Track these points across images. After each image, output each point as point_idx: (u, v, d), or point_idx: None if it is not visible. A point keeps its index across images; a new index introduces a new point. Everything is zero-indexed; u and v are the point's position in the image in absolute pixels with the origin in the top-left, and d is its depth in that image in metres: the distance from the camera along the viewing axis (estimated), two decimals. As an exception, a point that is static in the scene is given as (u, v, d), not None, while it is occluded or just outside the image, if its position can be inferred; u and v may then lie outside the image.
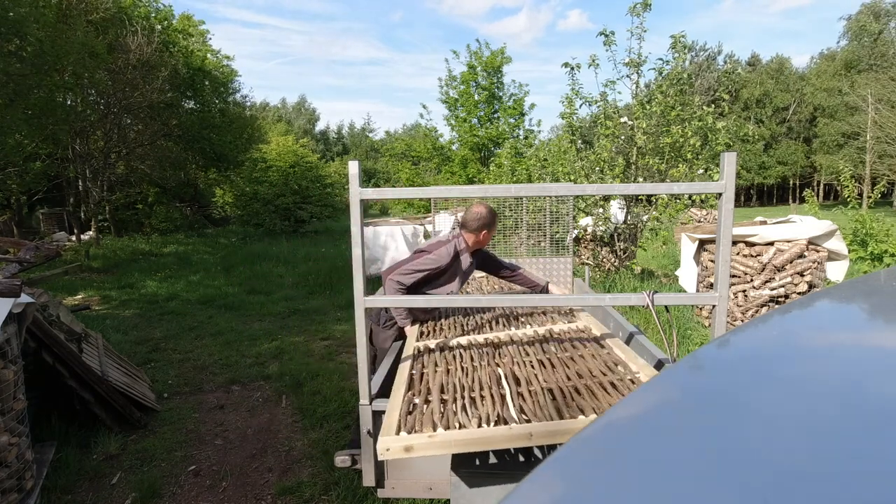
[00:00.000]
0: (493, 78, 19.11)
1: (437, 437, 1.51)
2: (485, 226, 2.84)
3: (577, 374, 1.84)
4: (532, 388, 1.76)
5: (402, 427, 1.58)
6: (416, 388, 1.87)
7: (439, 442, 1.50)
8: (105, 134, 13.75)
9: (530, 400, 1.67)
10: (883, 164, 30.75)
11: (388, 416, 1.67)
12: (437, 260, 2.76)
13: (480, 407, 1.65)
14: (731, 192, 1.74)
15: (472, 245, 2.89)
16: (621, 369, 1.86)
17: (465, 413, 1.62)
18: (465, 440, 1.49)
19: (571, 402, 1.63)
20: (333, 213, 19.20)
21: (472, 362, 2.06)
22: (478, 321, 2.75)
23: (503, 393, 1.73)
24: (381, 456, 1.53)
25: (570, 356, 2.05)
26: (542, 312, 2.86)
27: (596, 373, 1.84)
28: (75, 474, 3.03)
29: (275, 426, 3.70)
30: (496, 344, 2.28)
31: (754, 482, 0.42)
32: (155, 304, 7.51)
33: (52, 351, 3.13)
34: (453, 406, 1.67)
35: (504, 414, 1.59)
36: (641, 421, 0.56)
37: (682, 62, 7.66)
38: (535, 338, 2.32)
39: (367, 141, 59.17)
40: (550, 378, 1.83)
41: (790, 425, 0.51)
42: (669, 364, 2.01)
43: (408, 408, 1.70)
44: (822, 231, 5.21)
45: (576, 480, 0.48)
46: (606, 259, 8.42)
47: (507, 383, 1.80)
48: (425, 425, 1.56)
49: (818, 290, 4.82)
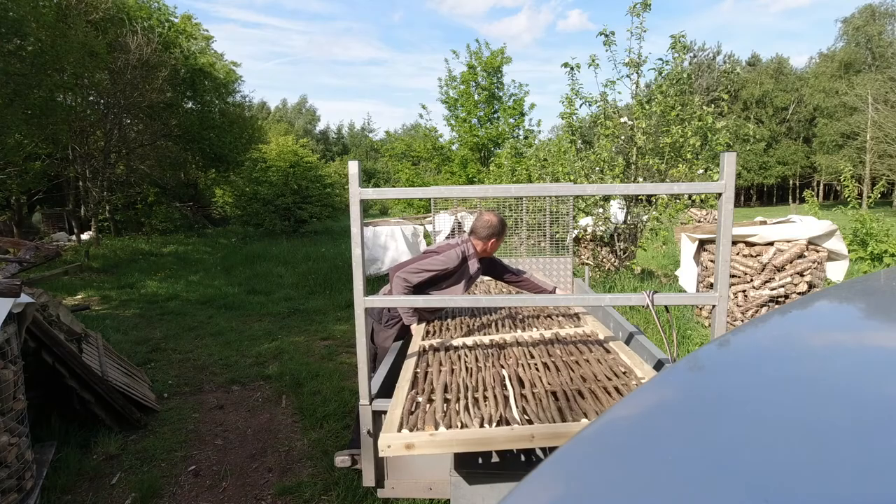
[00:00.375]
0: (493, 78, 19.10)
1: (439, 435, 1.51)
2: (494, 234, 2.87)
3: (581, 378, 1.83)
4: (536, 390, 1.76)
5: (405, 425, 1.58)
6: (420, 386, 1.87)
7: (440, 441, 1.50)
8: (105, 134, 13.75)
9: (533, 402, 1.67)
10: (882, 164, 30.76)
11: (391, 413, 1.67)
12: (446, 262, 2.78)
13: (483, 407, 1.65)
14: (731, 192, 1.74)
15: (480, 252, 2.91)
16: (627, 375, 1.86)
17: (467, 413, 1.61)
18: (467, 440, 1.49)
19: (575, 406, 1.62)
20: (333, 213, 19.19)
21: (477, 363, 2.06)
22: (484, 322, 2.76)
23: (506, 394, 1.73)
24: (382, 453, 1.52)
25: (574, 360, 2.04)
26: (548, 316, 2.86)
27: (601, 377, 1.83)
28: (75, 474, 3.02)
29: (275, 426, 3.70)
30: (501, 345, 2.28)
31: (754, 482, 0.42)
32: (155, 304, 7.51)
33: (52, 351, 3.13)
34: (456, 406, 1.67)
35: (506, 415, 1.58)
36: (641, 421, 0.56)
37: (682, 62, 7.66)
38: (541, 340, 2.32)
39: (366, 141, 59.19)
40: (555, 381, 1.82)
41: (790, 425, 0.51)
42: (669, 364, 2.01)
43: (410, 406, 1.70)
44: (822, 231, 5.21)
45: (576, 480, 0.48)
46: (606, 259, 8.42)
47: (511, 384, 1.80)
48: (427, 424, 1.56)
49: (818, 290, 4.82)
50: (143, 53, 13.10)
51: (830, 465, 0.44)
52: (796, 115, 43.30)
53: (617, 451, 0.51)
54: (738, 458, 0.46)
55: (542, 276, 4.55)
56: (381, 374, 2.34)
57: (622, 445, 0.52)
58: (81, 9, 11.41)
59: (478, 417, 1.58)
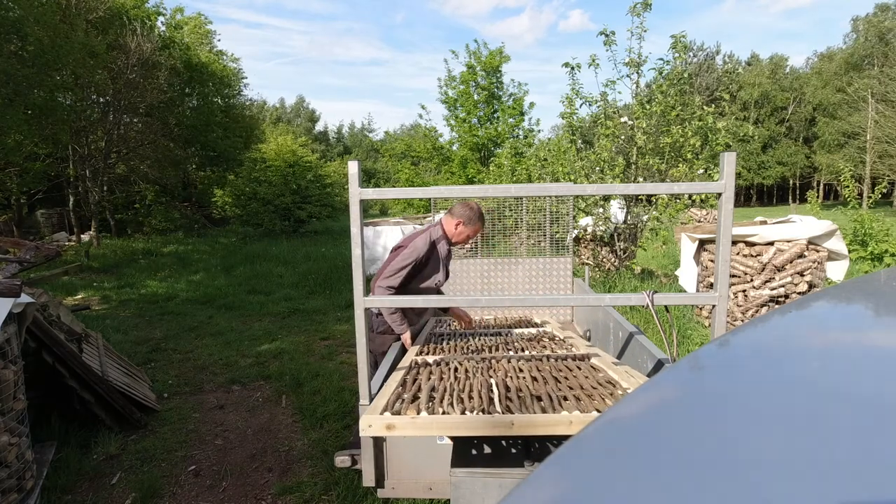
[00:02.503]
0: (492, 78, 19.09)
1: (420, 419, 1.55)
2: (468, 219, 2.79)
3: (567, 387, 1.85)
4: (521, 394, 1.78)
5: (389, 409, 1.62)
6: (408, 387, 1.90)
7: (421, 423, 1.54)
8: (105, 134, 13.75)
9: (517, 402, 1.70)
10: (883, 163, 30.74)
11: (376, 401, 1.75)
12: (416, 251, 2.74)
13: (467, 402, 1.69)
14: (731, 192, 1.74)
15: (447, 233, 2.85)
16: (613, 385, 1.86)
17: (451, 406, 1.66)
18: (447, 423, 1.53)
19: (558, 407, 1.65)
20: (333, 213, 19.18)
21: (467, 374, 2.06)
22: (477, 345, 2.71)
23: (492, 396, 1.76)
24: (362, 432, 1.58)
25: (564, 375, 2.03)
26: (539, 340, 2.77)
27: (586, 386, 1.84)
28: (75, 474, 3.02)
29: (275, 426, 3.70)
30: (492, 360, 2.27)
31: (755, 482, 0.42)
32: (155, 304, 7.51)
33: (53, 351, 3.13)
34: (441, 401, 1.71)
35: (489, 409, 1.62)
36: (641, 421, 0.56)
37: (683, 62, 7.66)
38: (532, 358, 2.30)
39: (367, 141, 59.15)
40: (541, 389, 1.84)
41: (791, 425, 0.52)
42: (669, 364, 2.01)
43: (396, 399, 1.75)
44: (822, 231, 5.21)
45: (575, 480, 0.48)
46: (606, 259, 8.42)
47: (497, 389, 1.82)
48: (410, 411, 1.60)
49: (818, 290, 4.82)
50: (142, 53, 13.10)
51: (831, 466, 0.44)
52: (795, 114, 43.27)
53: (616, 451, 0.51)
54: (738, 458, 0.46)
55: (543, 276, 4.55)
56: (380, 374, 2.34)
57: (622, 445, 0.52)
58: (81, 9, 11.41)
59: (460, 407, 1.62)
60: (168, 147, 16.35)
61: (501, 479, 1.70)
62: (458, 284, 4.57)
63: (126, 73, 12.82)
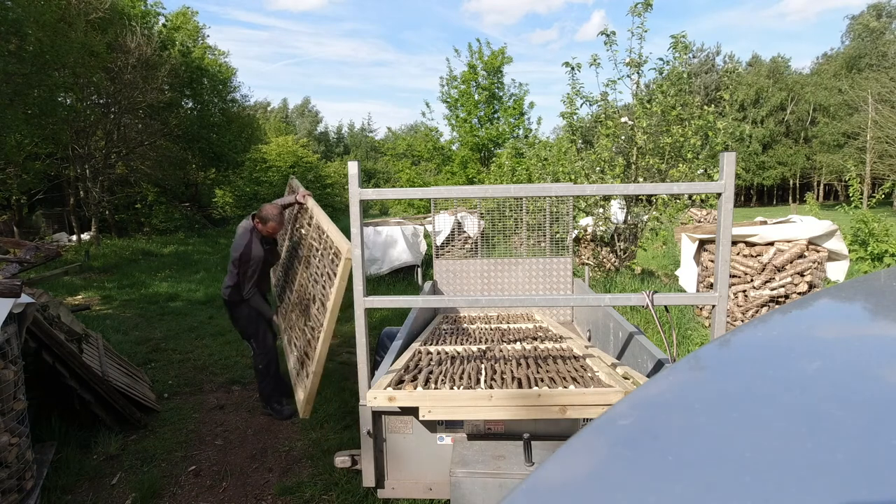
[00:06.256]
0: (494, 78, 19.09)
1: (416, 393, 1.90)
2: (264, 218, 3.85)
3: (545, 372, 2.17)
4: (505, 376, 2.12)
5: (391, 387, 1.96)
6: (410, 370, 2.21)
7: (417, 395, 1.88)
8: (105, 134, 13.75)
9: (500, 383, 2.02)
10: (883, 163, 30.72)
11: (382, 380, 2.04)
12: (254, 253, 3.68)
13: (458, 381, 2.04)
14: (731, 192, 1.74)
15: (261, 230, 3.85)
16: (585, 370, 2.23)
17: (443, 384, 2.02)
18: (437, 396, 1.88)
19: (533, 386, 1.99)
20: (333, 214, 19.18)
21: (462, 361, 2.40)
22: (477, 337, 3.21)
23: (479, 377, 2.11)
24: (367, 403, 1.89)
25: (548, 366, 2.33)
26: (534, 338, 3.14)
27: (563, 372, 2.16)
28: (75, 474, 3.02)
29: (275, 426, 3.70)
30: (487, 350, 2.67)
31: (755, 482, 0.42)
32: (155, 305, 7.50)
33: (53, 351, 3.13)
34: (436, 381, 2.05)
35: (474, 388, 1.96)
36: (641, 421, 0.56)
37: (683, 62, 7.66)
38: (523, 352, 2.62)
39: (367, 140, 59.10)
40: (522, 372, 2.15)
41: (791, 425, 0.51)
42: (669, 364, 2.01)
43: (399, 378, 2.07)
44: (823, 231, 5.21)
45: (574, 480, 0.48)
46: (606, 259, 8.42)
47: (485, 372, 2.18)
48: (409, 387, 1.97)
49: (818, 290, 4.82)
50: (142, 53, 13.10)
51: (831, 465, 0.44)
52: (794, 114, 43.23)
53: (616, 451, 0.51)
54: (738, 457, 0.46)
55: (543, 276, 4.55)
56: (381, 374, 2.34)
57: (622, 445, 0.52)
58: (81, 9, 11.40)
59: (451, 385, 1.99)
60: (168, 147, 16.34)
61: (501, 479, 1.71)
62: (459, 284, 4.57)
63: (126, 73, 12.81)
